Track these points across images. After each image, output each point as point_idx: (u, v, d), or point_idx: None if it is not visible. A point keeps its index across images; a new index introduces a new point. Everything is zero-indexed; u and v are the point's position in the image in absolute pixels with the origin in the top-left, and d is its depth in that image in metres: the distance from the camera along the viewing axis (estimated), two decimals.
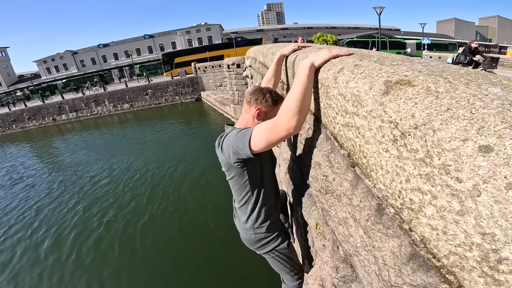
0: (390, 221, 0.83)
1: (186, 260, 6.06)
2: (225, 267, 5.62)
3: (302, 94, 1.20)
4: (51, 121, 26.39)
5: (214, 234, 6.78)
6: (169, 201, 8.78)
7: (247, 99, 1.63)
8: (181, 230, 7.23)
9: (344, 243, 1.29)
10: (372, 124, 0.84)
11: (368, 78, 0.94)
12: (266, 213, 1.73)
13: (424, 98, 0.68)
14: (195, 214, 7.80)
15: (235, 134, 1.44)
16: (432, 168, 0.60)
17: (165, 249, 6.50)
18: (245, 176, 1.59)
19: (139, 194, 9.55)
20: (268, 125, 1.28)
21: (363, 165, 0.94)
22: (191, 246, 6.41)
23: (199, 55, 29.84)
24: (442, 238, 0.60)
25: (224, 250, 6.03)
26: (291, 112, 1.19)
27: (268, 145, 1.31)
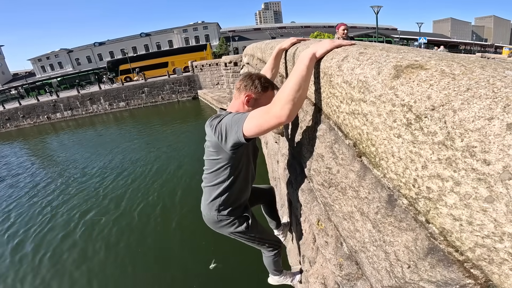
0: (403, 213, 0.78)
1: (175, 260, 6.03)
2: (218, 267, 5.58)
3: (298, 83, 1.17)
4: (46, 119, 26.11)
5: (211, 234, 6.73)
6: (159, 200, 8.69)
7: (237, 85, 1.63)
8: (174, 229, 7.17)
9: (349, 239, 1.24)
10: (381, 109, 0.79)
11: (375, 64, 0.89)
12: (234, 199, 1.79)
13: (440, 79, 0.63)
14: (190, 213, 7.71)
15: (231, 116, 1.43)
16: (454, 151, 0.55)
17: (160, 251, 6.42)
18: (228, 161, 1.61)
19: (130, 194, 9.43)
20: (261, 111, 1.27)
21: (371, 154, 0.89)
22: (188, 248, 6.33)
23: (144, 62, 30.02)
24: (466, 229, 0.55)
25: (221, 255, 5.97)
26: (284, 100, 1.17)
27: (259, 131, 1.30)
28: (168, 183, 9.90)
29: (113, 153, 14.45)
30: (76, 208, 9.03)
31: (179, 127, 17.69)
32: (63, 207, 9.22)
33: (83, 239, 7.30)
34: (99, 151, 15.24)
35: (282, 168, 2.92)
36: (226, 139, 1.43)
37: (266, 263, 2.40)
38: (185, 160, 11.84)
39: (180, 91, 27.07)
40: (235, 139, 1.39)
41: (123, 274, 5.85)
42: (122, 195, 9.43)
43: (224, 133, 1.43)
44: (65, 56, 56.76)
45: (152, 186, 9.86)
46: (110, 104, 26.65)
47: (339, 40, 1.32)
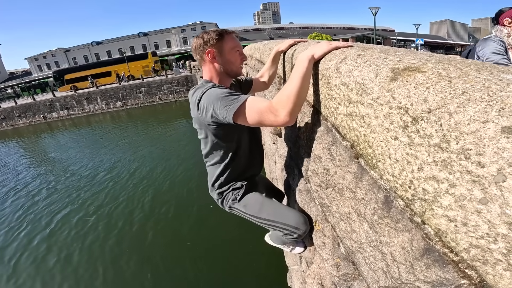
0: (399, 214, 0.79)
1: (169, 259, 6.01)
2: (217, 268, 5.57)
3: (301, 85, 1.19)
4: (42, 119, 25.95)
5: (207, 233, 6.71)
6: (151, 200, 8.64)
7: (194, 52, 1.54)
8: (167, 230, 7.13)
9: (346, 240, 1.25)
10: (379, 112, 0.79)
11: (373, 66, 0.90)
12: (236, 175, 1.70)
13: (436, 82, 0.64)
14: (185, 214, 7.69)
15: (218, 94, 1.31)
16: (450, 154, 0.56)
17: (148, 250, 6.39)
18: (220, 138, 1.53)
19: (125, 194, 9.38)
20: (265, 107, 1.22)
21: (368, 156, 0.90)
22: (193, 249, 6.30)
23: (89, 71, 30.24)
24: (461, 230, 0.56)
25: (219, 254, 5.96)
26: (290, 104, 1.17)
27: (257, 124, 1.28)
28: (157, 182, 9.91)
29: (106, 152, 14.40)
30: (64, 207, 9.00)
31: (176, 126, 17.71)
32: (52, 206, 9.19)
33: (71, 238, 7.28)
34: (92, 151, 15.17)
35: (279, 168, 2.93)
36: (209, 114, 1.34)
37: (272, 232, 2.05)
38: (179, 160, 11.81)
39: (177, 91, 27.03)
40: (220, 119, 1.31)
41: (113, 274, 5.84)
42: (113, 195, 9.40)
43: (207, 109, 1.34)
44: (62, 55, 56.41)
45: (142, 184, 9.85)
46: (107, 103, 26.54)
47: (337, 42, 1.34)
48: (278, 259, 4.13)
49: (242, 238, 5.98)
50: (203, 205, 7.53)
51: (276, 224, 1.71)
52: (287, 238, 1.74)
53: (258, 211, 1.71)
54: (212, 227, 6.72)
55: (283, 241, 1.95)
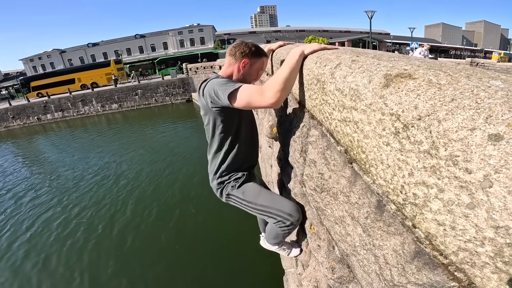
0: (391, 218, 0.80)
1: None
2: None
3: (289, 74, 1.36)
4: (36, 120, 25.72)
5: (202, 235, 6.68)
6: (150, 203, 8.56)
7: (232, 52, 1.72)
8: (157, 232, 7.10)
9: (340, 243, 1.27)
10: (371, 118, 0.81)
11: (366, 72, 0.92)
12: (235, 166, 1.81)
13: (426, 89, 0.66)
14: (180, 217, 7.65)
15: (219, 81, 1.53)
16: (438, 160, 0.57)
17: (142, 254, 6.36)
18: (220, 123, 1.67)
19: (109, 197, 9.33)
20: (254, 90, 1.39)
21: (362, 161, 0.92)
22: (180, 253, 6.27)
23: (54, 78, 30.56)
24: (450, 233, 0.58)
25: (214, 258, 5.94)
26: (277, 87, 1.33)
27: (246, 106, 1.42)
28: (143, 185, 9.88)
29: (95, 155, 14.31)
30: (47, 210, 8.94)
31: (172, 128, 17.66)
32: (35, 209, 9.13)
33: (51, 242, 7.23)
34: (82, 153, 15.10)
35: (275, 172, 2.94)
36: (211, 99, 1.53)
37: (267, 228, 2.09)
38: (176, 161, 11.78)
39: (174, 93, 26.97)
40: (218, 101, 1.49)
41: (89, 278, 5.82)
42: (97, 198, 9.35)
43: (209, 94, 1.54)
44: (57, 56, 56.14)
45: (127, 188, 9.81)
46: (103, 105, 26.40)
47: (324, 45, 1.50)
48: (274, 262, 4.13)
49: (237, 241, 5.98)
50: (199, 207, 7.52)
51: (271, 210, 1.77)
52: (280, 227, 1.80)
53: (255, 198, 1.80)
54: (206, 230, 6.70)
55: (277, 235, 1.96)
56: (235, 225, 6.38)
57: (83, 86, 28.46)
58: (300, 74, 1.63)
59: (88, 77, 30.01)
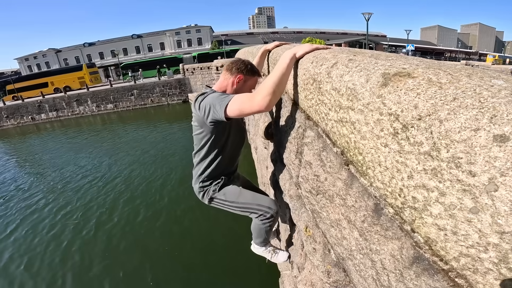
0: (389, 222, 0.78)
1: None
2: None
3: (279, 78, 1.36)
4: (30, 120, 25.44)
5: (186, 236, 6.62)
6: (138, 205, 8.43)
7: (228, 67, 1.79)
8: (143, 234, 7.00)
9: (336, 246, 1.24)
10: (369, 118, 0.78)
11: (364, 71, 0.89)
12: (217, 172, 1.92)
13: (426, 88, 0.63)
14: (167, 219, 7.56)
15: (216, 96, 1.61)
16: (440, 162, 0.54)
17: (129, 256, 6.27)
18: (211, 136, 1.76)
19: (106, 197, 9.19)
20: (245, 97, 1.45)
21: (359, 163, 0.89)
22: (170, 255, 6.18)
23: (27, 82, 30.65)
24: (451, 239, 0.55)
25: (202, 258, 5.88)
26: (266, 91, 1.35)
27: (240, 114, 1.48)
28: (132, 186, 9.77)
29: (87, 155, 14.15)
30: (45, 209, 8.81)
31: (167, 129, 17.54)
32: (21, 210, 8.98)
33: (35, 244, 7.09)
34: (76, 153, 14.88)
35: (271, 173, 2.91)
36: (208, 114, 1.59)
37: (252, 228, 2.21)
38: (166, 163, 11.66)
39: (170, 94, 26.83)
40: (216, 116, 1.55)
41: (71, 279, 5.73)
42: (94, 197, 9.23)
43: (207, 109, 1.59)
44: (53, 56, 55.61)
45: (116, 189, 9.69)
46: (98, 105, 26.18)
47: (316, 45, 1.50)
48: (270, 264, 4.10)
49: (232, 242, 5.93)
50: (192, 209, 7.44)
51: (252, 206, 1.97)
52: (262, 220, 2.00)
53: (236, 197, 1.96)
54: (199, 232, 6.63)
55: (260, 231, 2.13)
56: (227, 227, 6.33)
57: (56, 90, 28.38)
58: (295, 75, 1.60)
59: (61, 81, 30.17)
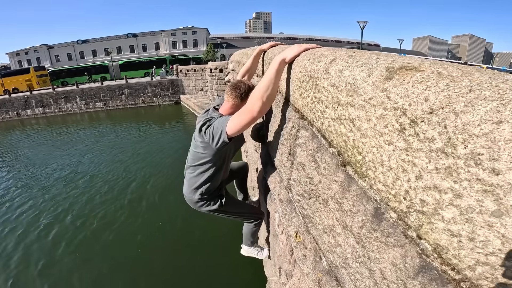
0: (391, 228, 0.71)
1: None
2: None
3: (267, 84, 1.38)
4: (15, 115, 24.72)
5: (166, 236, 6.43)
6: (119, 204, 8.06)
7: (236, 94, 1.79)
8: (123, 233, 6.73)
9: (329, 254, 1.17)
10: (371, 114, 0.72)
11: (366, 66, 0.83)
12: (215, 185, 2.05)
13: (437, 81, 0.58)
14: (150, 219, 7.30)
15: (218, 121, 1.69)
16: (456, 159, 0.48)
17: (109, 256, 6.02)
18: (213, 157, 1.85)
19: (90, 196, 8.75)
20: (238, 112, 1.51)
21: (357, 163, 0.83)
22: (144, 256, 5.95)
23: None
24: (466, 245, 0.49)
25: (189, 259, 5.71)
26: (255, 98, 1.40)
27: (239, 128, 1.54)
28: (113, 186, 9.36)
29: (67, 154, 13.56)
30: (27, 208, 8.35)
31: (156, 130, 17.23)
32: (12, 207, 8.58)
33: (20, 240, 6.74)
34: (61, 152, 14.23)
35: (261, 177, 2.83)
36: (213, 140, 1.68)
37: (244, 231, 2.65)
38: (154, 165, 11.30)
39: (162, 94, 26.49)
40: (220, 141, 1.64)
41: None
42: (69, 196, 8.81)
43: (211, 136, 1.68)
44: (44, 52, 54.46)
45: (103, 187, 9.28)
46: (87, 103, 25.61)
47: (305, 44, 1.50)
48: (257, 269, 3.99)
49: (219, 246, 5.79)
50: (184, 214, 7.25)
51: (247, 213, 2.40)
52: (254, 224, 2.45)
53: (235, 208, 2.30)
54: (189, 235, 6.45)
55: (252, 233, 2.56)
56: (214, 232, 6.15)
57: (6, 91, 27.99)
58: (289, 74, 1.55)
59: (10, 82, 29.98)
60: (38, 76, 31.08)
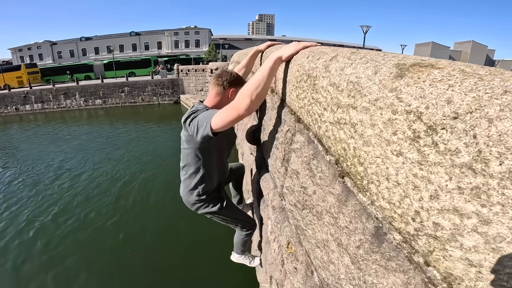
0: (393, 251, 0.60)
1: None
2: None
3: (258, 81, 1.29)
4: (14, 110, 24.54)
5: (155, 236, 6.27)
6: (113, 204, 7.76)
7: (219, 82, 1.74)
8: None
9: (321, 270, 1.06)
10: (376, 118, 0.61)
11: (371, 63, 0.73)
12: (211, 185, 2.01)
13: (462, 79, 0.47)
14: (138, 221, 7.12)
15: (203, 114, 1.60)
16: (488, 178, 0.37)
17: None
18: (200, 152, 1.81)
19: (76, 193, 8.50)
20: (225, 107, 1.43)
21: (358, 175, 0.72)
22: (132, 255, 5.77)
23: None
24: (487, 277, 0.38)
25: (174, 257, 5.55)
26: (243, 95, 1.31)
27: (224, 124, 1.44)
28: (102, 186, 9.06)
29: (69, 150, 13.24)
30: (12, 204, 8.09)
31: (154, 129, 17.05)
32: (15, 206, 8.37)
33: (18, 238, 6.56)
34: (55, 147, 13.91)
35: (255, 181, 2.72)
36: (197, 133, 1.58)
37: (235, 240, 2.60)
38: (142, 164, 11.15)
39: (162, 93, 26.36)
40: (203, 134, 1.54)
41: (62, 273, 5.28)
42: (64, 193, 8.55)
43: (196, 128, 1.59)
44: (47, 48, 54.27)
45: (93, 186, 8.98)
46: (86, 100, 25.44)
47: (305, 42, 1.39)
48: (248, 272, 3.86)
49: (209, 246, 5.63)
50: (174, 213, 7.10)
51: (242, 221, 2.31)
52: (246, 232, 2.38)
53: (231, 213, 2.22)
54: (175, 235, 6.26)
55: (243, 242, 2.52)
56: (203, 232, 5.93)
57: (6, 86, 27.85)
58: (286, 73, 1.45)
59: (0, 79, 29.77)
60: (29, 73, 31.05)
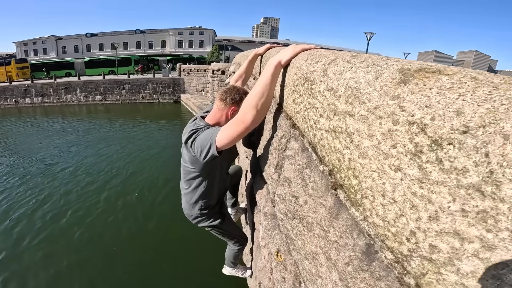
0: (383, 270, 0.55)
1: None
2: None
3: (262, 91, 1.22)
4: (13, 103, 24.43)
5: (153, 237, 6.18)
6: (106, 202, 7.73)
7: (222, 97, 1.65)
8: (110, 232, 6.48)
9: (309, 283, 1.00)
10: (375, 128, 0.56)
11: (373, 67, 0.67)
12: (213, 199, 1.97)
13: (474, 88, 0.42)
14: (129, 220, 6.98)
15: (205, 134, 1.52)
16: (497, 203, 0.32)
17: None
18: (203, 171, 1.74)
19: (67, 189, 8.47)
20: (229, 123, 1.34)
21: (351, 189, 0.66)
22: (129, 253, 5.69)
23: None
24: None
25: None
26: (248, 107, 1.23)
27: (230, 141, 1.35)
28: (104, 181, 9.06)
29: (64, 145, 13.27)
30: (0, 199, 8.04)
31: (152, 128, 16.95)
32: None
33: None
34: (50, 141, 13.95)
35: (249, 185, 2.67)
36: (201, 154, 1.49)
37: (227, 254, 2.63)
38: (134, 161, 10.94)
39: (162, 92, 26.31)
40: (209, 155, 1.45)
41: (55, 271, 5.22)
42: (54, 188, 8.53)
43: (199, 150, 1.50)
44: (52, 43, 54.15)
45: (86, 182, 8.98)
46: (86, 96, 25.37)
47: (303, 45, 1.35)
48: (240, 279, 3.79)
49: (198, 248, 5.52)
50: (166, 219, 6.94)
51: (236, 236, 2.33)
52: (238, 247, 2.41)
53: (233, 230, 2.28)
54: (164, 235, 6.15)
55: (235, 256, 2.53)
56: (193, 233, 5.79)
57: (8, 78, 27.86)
58: (283, 76, 1.40)
59: None
60: (18, 68, 31.11)
